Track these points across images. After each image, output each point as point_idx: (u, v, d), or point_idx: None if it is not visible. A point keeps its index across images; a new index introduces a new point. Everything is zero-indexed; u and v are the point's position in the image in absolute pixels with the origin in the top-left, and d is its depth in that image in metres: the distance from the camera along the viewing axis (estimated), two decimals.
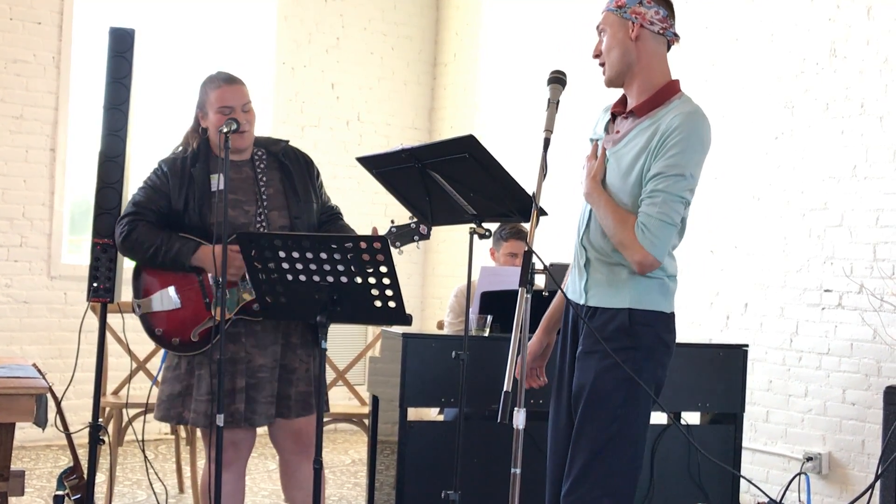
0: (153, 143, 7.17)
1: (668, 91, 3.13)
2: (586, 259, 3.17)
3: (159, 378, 4.01)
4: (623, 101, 3.22)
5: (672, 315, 3.16)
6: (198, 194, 3.81)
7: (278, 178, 3.92)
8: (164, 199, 3.83)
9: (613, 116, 3.23)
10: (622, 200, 3.07)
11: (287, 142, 4.04)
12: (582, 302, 3.17)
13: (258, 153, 3.95)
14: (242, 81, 3.91)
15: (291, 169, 3.94)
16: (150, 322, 3.83)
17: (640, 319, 3.07)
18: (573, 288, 3.24)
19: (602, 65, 3.17)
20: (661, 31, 3.12)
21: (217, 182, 3.80)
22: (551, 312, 3.38)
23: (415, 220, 3.76)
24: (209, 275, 3.79)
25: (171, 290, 3.81)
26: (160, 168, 3.89)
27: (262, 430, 3.97)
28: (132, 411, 5.24)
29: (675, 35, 3.16)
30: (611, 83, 3.18)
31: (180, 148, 3.95)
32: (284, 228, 3.84)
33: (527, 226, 2.92)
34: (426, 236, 3.82)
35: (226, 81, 3.87)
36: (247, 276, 3.68)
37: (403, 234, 3.82)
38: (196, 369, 3.81)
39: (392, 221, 3.83)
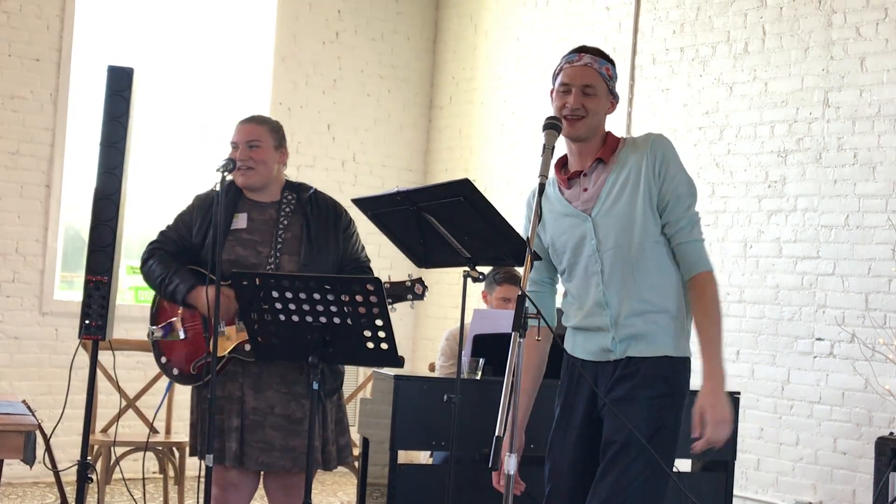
0: (149, 181, 7.20)
1: (614, 137, 3.27)
2: (611, 317, 3.17)
3: (148, 414, 4.02)
4: (564, 162, 3.30)
5: (691, 359, 3.26)
6: (214, 231, 3.84)
7: (300, 224, 3.93)
8: (189, 231, 3.94)
9: (559, 185, 3.28)
10: (636, 235, 3.13)
11: (313, 189, 4.03)
12: (612, 357, 3.17)
13: (287, 197, 3.97)
14: (261, 120, 3.99)
15: (312, 216, 3.94)
16: (159, 349, 3.92)
17: (678, 367, 3.16)
18: (589, 346, 3.23)
19: (577, 118, 3.17)
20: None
21: (235, 221, 3.88)
22: (524, 415, 3.35)
23: (411, 279, 3.78)
24: None
25: (178, 321, 3.88)
26: (193, 203, 4.01)
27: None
28: (120, 449, 5.21)
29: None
30: (578, 139, 3.21)
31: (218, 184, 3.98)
32: None
33: (520, 270, 2.93)
34: (420, 297, 3.81)
35: (242, 120, 3.99)
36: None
37: (397, 292, 3.81)
38: (202, 403, 3.87)
39: (388, 278, 3.82)
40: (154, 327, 3.91)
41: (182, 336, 3.87)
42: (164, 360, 3.91)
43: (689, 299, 3.16)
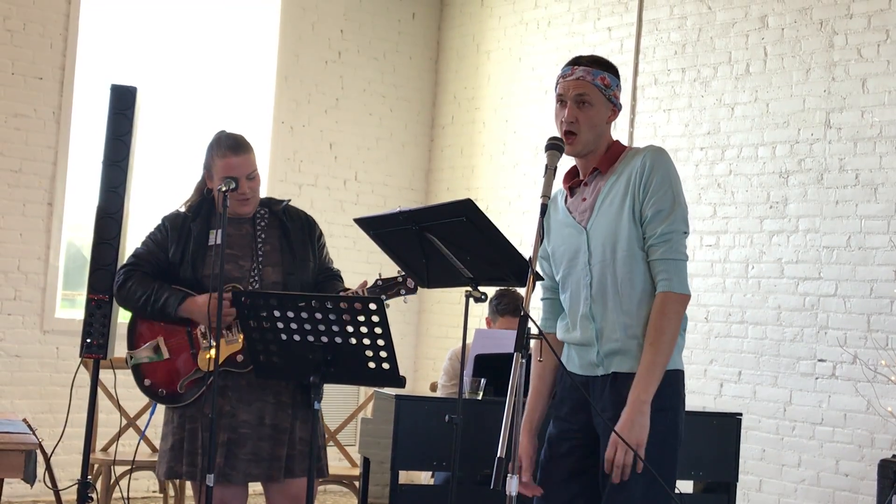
0: (152, 199, 7.20)
1: (619, 146, 3.24)
2: (596, 331, 3.15)
3: (146, 433, 3.99)
4: (573, 172, 3.27)
5: (683, 371, 3.22)
6: (193, 248, 3.85)
7: (277, 236, 3.95)
8: (163, 252, 3.90)
9: (570, 192, 3.27)
10: (621, 249, 3.10)
11: (288, 201, 4.07)
12: (599, 372, 3.15)
13: (261, 212, 3.99)
14: (249, 148, 3.91)
15: (290, 227, 3.96)
16: (140, 373, 3.85)
17: (668, 380, 3.08)
18: (580, 361, 3.20)
19: (571, 134, 3.15)
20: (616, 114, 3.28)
21: (215, 237, 3.84)
22: (531, 416, 3.31)
23: (402, 274, 3.76)
24: (199, 327, 3.80)
25: (160, 341, 3.83)
26: (163, 224, 3.96)
27: (253, 490, 3.93)
28: (121, 468, 5.20)
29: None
30: (577, 155, 3.21)
31: (184, 206, 3.99)
32: (277, 285, 3.85)
33: (523, 292, 2.92)
34: (413, 290, 3.81)
35: (232, 151, 3.85)
36: (232, 327, 3.71)
37: (390, 288, 3.82)
38: (188, 423, 3.81)
39: (379, 275, 3.84)
40: (134, 351, 3.84)
41: (167, 356, 3.83)
42: (147, 382, 3.83)
43: None
